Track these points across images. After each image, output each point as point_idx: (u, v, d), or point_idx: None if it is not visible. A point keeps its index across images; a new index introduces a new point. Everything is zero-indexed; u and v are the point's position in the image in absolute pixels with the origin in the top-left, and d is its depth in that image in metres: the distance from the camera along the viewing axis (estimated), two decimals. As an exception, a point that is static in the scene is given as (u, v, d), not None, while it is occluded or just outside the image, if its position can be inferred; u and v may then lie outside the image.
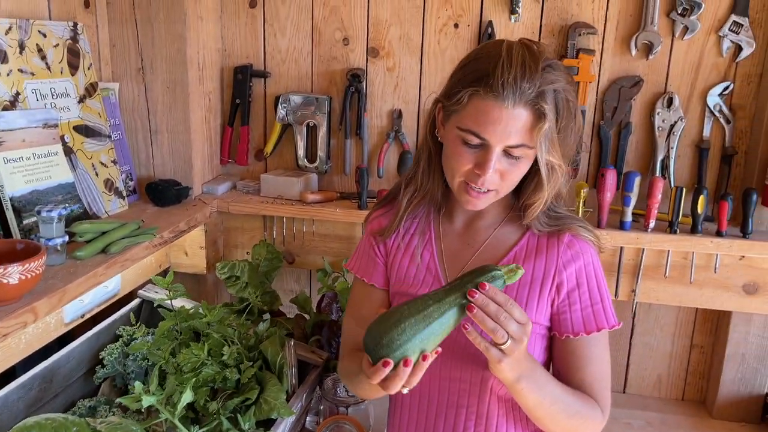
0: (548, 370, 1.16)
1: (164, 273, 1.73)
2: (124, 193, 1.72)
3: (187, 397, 1.26)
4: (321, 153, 1.92)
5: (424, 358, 0.92)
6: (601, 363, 1.12)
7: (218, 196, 1.88)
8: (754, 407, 1.83)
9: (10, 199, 1.33)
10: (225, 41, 1.95)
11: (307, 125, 1.92)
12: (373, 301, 1.24)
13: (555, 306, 1.11)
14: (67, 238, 1.32)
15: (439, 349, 0.93)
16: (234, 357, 1.41)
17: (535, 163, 1.05)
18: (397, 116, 1.89)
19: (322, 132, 1.91)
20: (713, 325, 1.89)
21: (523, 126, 0.99)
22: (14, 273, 1.10)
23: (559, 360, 1.14)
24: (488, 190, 1.06)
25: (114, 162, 1.69)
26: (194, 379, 1.36)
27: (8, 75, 1.40)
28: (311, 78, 1.94)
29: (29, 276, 1.12)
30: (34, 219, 1.35)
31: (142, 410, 1.36)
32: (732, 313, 1.77)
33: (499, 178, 1.05)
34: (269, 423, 1.38)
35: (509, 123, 0.99)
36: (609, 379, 1.13)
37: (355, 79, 1.86)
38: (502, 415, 1.15)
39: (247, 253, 1.94)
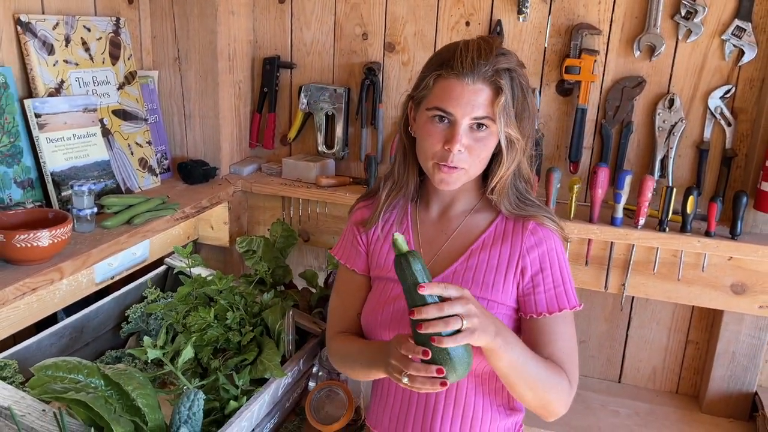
0: None
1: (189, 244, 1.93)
2: (157, 171, 1.92)
3: (188, 352, 1.45)
4: (339, 140, 2.07)
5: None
6: (567, 340, 1.20)
7: (243, 177, 2.06)
8: (742, 404, 1.87)
9: (51, 174, 1.54)
10: (256, 34, 2.12)
11: (326, 114, 2.06)
12: (355, 284, 1.37)
13: (520, 288, 1.21)
14: (96, 209, 1.52)
15: None
16: (237, 321, 1.59)
17: (499, 145, 1.17)
18: (410, 108, 2.01)
19: (339, 121, 2.05)
20: (708, 323, 1.94)
21: (484, 100, 1.12)
22: (44, 237, 1.30)
23: (527, 339, 1.20)
24: (458, 168, 1.16)
25: (149, 143, 1.89)
26: (197, 337, 1.55)
27: (54, 65, 1.60)
28: (332, 70, 2.08)
29: (57, 240, 1.32)
30: (70, 192, 1.56)
31: (148, 362, 1.55)
32: (724, 311, 1.82)
33: (468, 155, 1.15)
34: (264, 382, 1.55)
35: (471, 97, 1.12)
36: (575, 354, 1.21)
37: (371, 72, 1.99)
38: (471, 388, 1.23)
39: (268, 229, 2.11)
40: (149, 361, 1.55)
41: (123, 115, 1.81)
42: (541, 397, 1.14)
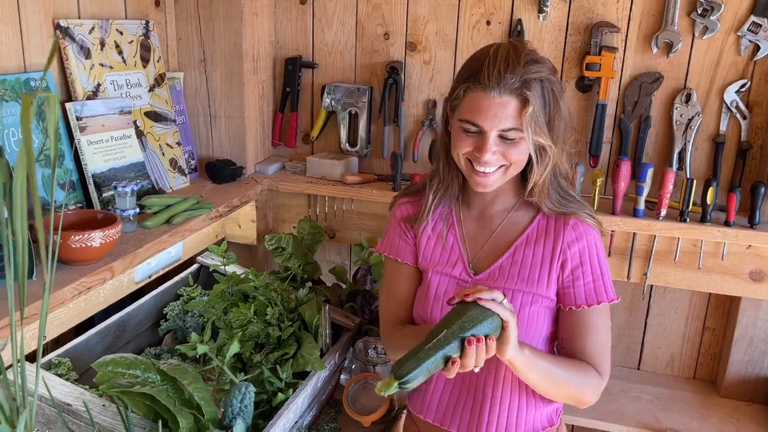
0: (553, 342, 1.30)
1: (219, 242, 1.97)
2: (186, 171, 1.95)
3: (235, 347, 1.49)
4: (361, 138, 2.11)
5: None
6: (601, 333, 1.25)
7: (269, 176, 2.10)
8: (761, 388, 1.94)
9: (92, 176, 1.57)
10: (278, 35, 2.15)
11: (350, 113, 2.10)
12: (406, 277, 1.38)
13: (561, 281, 1.25)
14: (138, 209, 1.56)
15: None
16: (276, 317, 1.63)
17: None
18: (432, 106, 2.06)
19: (362, 119, 2.09)
20: (725, 309, 2.00)
21: (511, 112, 1.14)
22: (96, 238, 1.33)
23: (563, 330, 1.27)
24: (495, 170, 1.20)
25: (178, 143, 1.92)
26: (241, 333, 1.59)
27: (91, 69, 1.63)
28: (354, 69, 2.12)
29: (108, 240, 1.36)
30: (111, 193, 1.59)
31: (198, 357, 1.59)
32: (741, 298, 1.88)
33: (503, 158, 1.19)
34: (303, 375, 1.60)
35: (498, 110, 1.14)
36: (608, 346, 1.26)
37: (393, 71, 2.03)
38: (515, 387, 1.28)
39: (293, 227, 2.15)
40: (197, 357, 1.59)
41: (154, 116, 1.84)
42: (570, 391, 1.22)
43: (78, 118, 1.55)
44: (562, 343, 1.28)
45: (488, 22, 1.96)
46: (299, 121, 2.20)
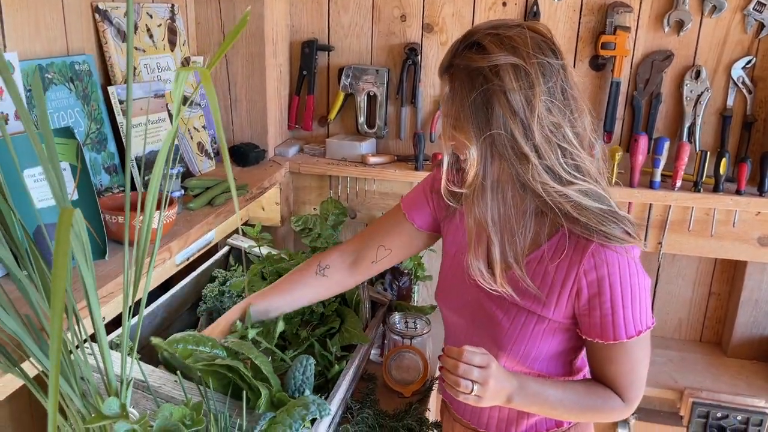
0: (572, 355, 1.23)
1: (246, 225, 1.99)
2: (212, 155, 1.96)
3: (281, 326, 1.53)
4: (379, 120, 2.15)
5: None
6: (627, 362, 1.12)
7: (289, 158, 2.12)
8: (765, 346, 2.07)
9: (135, 159, 1.58)
10: (293, 18, 2.17)
11: (368, 94, 2.14)
12: (398, 231, 1.36)
13: (576, 308, 1.13)
14: (183, 191, 1.57)
15: None
16: (319, 294, 1.67)
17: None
18: (448, 86, 2.11)
19: (380, 100, 2.13)
20: (730, 275, 2.12)
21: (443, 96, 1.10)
22: (156, 218, 1.35)
23: (587, 352, 1.19)
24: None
25: (204, 127, 1.93)
26: (299, 313, 1.62)
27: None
28: (371, 51, 2.15)
29: (167, 221, 1.37)
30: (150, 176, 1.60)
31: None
32: (747, 263, 2.00)
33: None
34: (347, 349, 1.64)
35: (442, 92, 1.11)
36: (638, 373, 1.14)
37: (412, 52, 2.07)
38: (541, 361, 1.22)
39: (314, 208, 2.19)
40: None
41: (182, 100, 1.84)
42: (583, 419, 1.20)
43: (120, 102, 1.55)
44: (589, 365, 1.22)
45: (504, 4, 2.02)
46: (315, 104, 2.23)
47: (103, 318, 1.43)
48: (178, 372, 1.20)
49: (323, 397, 1.42)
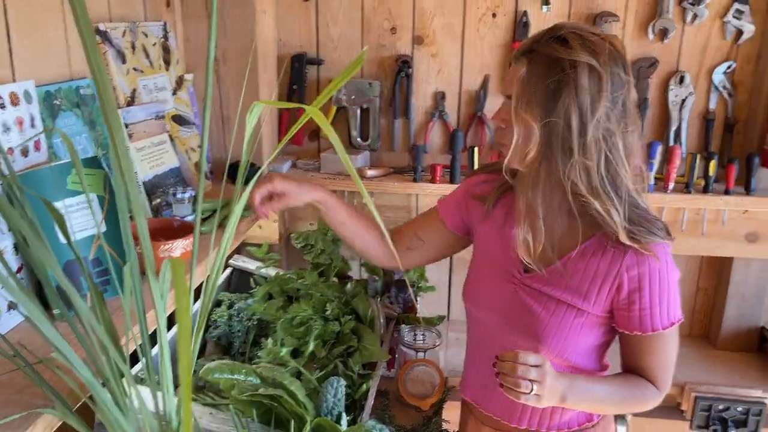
0: (602, 350, 1.27)
1: (241, 246, 1.95)
2: (209, 175, 1.92)
3: (312, 346, 1.51)
4: (373, 132, 2.15)
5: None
6: (661, 352, 1.19)
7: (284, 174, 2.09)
8: (752, 338, 2.17)
9: (143, 183, 1.53)
10: (280, 32, 2.14)
11: (361, 107, 2.13)
12: (432, 225, 1.44)
13: (615, 303, 1.18)
14: (195, 215, 1.53)
15: None
16: (336, 312, 1.65)
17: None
18: (440, 98, 2.12)
19: (374, 113, 2.13)
20: (716, 270, 2.21)
21: (513, 77, 1.13)
22: (178, 248, 1.31)
23: (623, 346, 1.24)
24: (501, 144, 1.19)
25: (199, 146, 1.88)
26: (304, 331, 1.60)
27: (127, 74, 1.58)
28: (361, 64, 2.14)
29: (188, 249, 1.33)
30: (158, 200, 1.55)
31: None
32: (733, 259, 2.09)
33: (506, 132, 1.16)
34: (366, 366, 1.63)
35: (509, 74, 1.15)
36: (669, 362, 1.21)
37: (405, 65, 2.08)
38: (556, 366, 1.25)
39: (311, 224, 2.16)
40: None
41: (179, 120, 1.79)
42: (625, 410, 1.28)
43: (126, 125, 1.50)
44: (623, 358, 1.26)
45: (494, 15, 2.05)
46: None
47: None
48: (231, 407, 1.16)
49: (353, 418, 1.41)
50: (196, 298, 1.74)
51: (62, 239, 1.15)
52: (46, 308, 1.12)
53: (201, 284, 1.54)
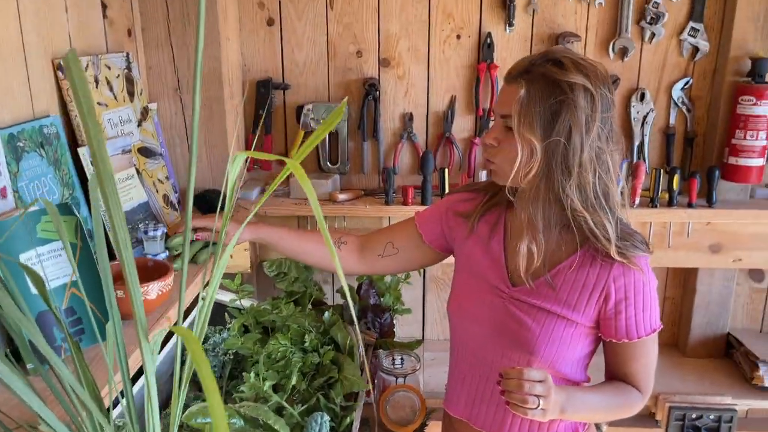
0: (587, 360, 1.33)
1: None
2: (176, 205, 1.88)
3: (292, 381, 1.48)
4: (342, 155, 2.14)
5: None
6: (644, 358, 1.27)
7: (253, 201, 2.06)
8: (719, 344, 2.23)
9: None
10: (245, 57, 2.12)
11: (330, 131, 2.12)
12: (408, 235, 1.48)
13: (602, 313, 1.24)
14: (167, 252, 1.49)
15: None
16: (314, 343, 1.63)
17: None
18: (408, 119, 2.13)
19: (342, 136, 2.12)
20: (681, 280, 2.26)
21: (510, 98, 1.18)
22: (154, 290, 1.27)
23: (608, 355, 1.31)
24: (490, 161, 1.25)
25: (167, 178, 1.84)
26: (281, 365, 1.57)
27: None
28: (328, 88, 2.14)
29: (164, 291, 1.30)
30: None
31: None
32: (698, 269, 2.14)
33: (499, 150, 1.22)
34: (347, 396, 1.62)
35: (504, 95, 1.20)
36: (652, 367, 1.29)
37: (372, 87, 2.08)
38: None
39: (282, 250, 2.13)
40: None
41: (146, 152, 1.75)
42: (615, 417, 1.30)
43: (92, 163, 1.45)
44: (608, 366, 1.33)
45: (458, 36, 2.06)
46: (273, 143, 2.18)
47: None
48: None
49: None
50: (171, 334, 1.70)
51: (33, 290, 1.11)
52: (18, 360, 1.08)
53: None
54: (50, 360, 0.84)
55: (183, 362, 0.88)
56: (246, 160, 2.14)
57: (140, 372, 1.46)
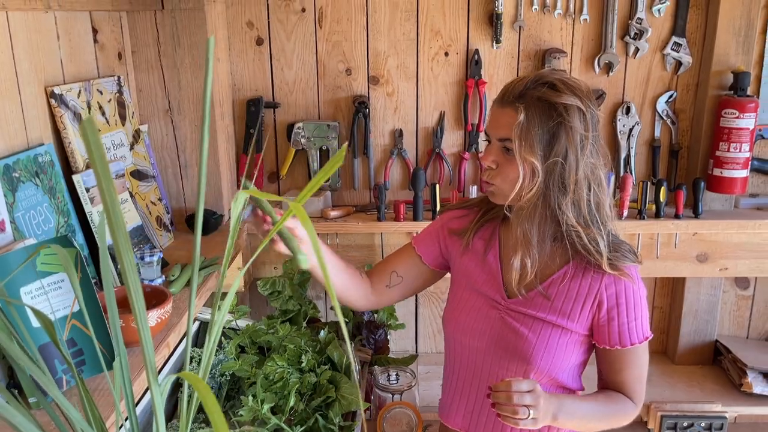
0: (582, 369, 1.36)
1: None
2: (170, 227, 1.88)
3: (291, 402, 1.49)
4: (333, 172, 2.15)
5: None
6: (636, 367, 1.30)
7: (246, 220, 2.06)
8: (707, 352, 2.26)
9: (109, 248, 1.48)
10: (234, 77, 2.13)
11: (320, 149, 2.13)
12: (408, 260, 1.48)
13: (595, 320, 1.28)
14: (164, 277, 1.49)
15: None
16: (311, 363, 1.64)
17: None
18: (398, 135, 2.15)
19: (333, 154, 2.13)
20: (669, 289, 2.30)
21: (509, 121, 1.21)
22: (153, 317, 1.27)
23: (600, 363, 1.33)
24: (491, 183, 1.28)
25: (159, 199, 1.85)
26: (279, 386, 1.58)
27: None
28: (318, 106, 2.15)
29: (163, 318, 1.30)
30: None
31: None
32: (686, 279, 2.18)
33: (499, 173, 1.25)
34: (345, 416, 1.63)
35: (499, 118, 1.23)
36: (644, 377, 1.32)
37: (361, 105, 2.10)
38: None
39: (275, 268, 2.14)
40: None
41: (138, 175, 1.75)
42: (607, 425, 1.31)
43: (87, 190, 1.46)
44: (600, 374, 1.36)
45: (446, 54, 2.09)
46: (264, 161, 2.19)
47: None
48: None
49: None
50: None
51: (35, 323, 1.11)
52: (20, 392, 1.08)
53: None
54: (52, 395, 0.85)
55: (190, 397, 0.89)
56: (237, 178, 2.15)
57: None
